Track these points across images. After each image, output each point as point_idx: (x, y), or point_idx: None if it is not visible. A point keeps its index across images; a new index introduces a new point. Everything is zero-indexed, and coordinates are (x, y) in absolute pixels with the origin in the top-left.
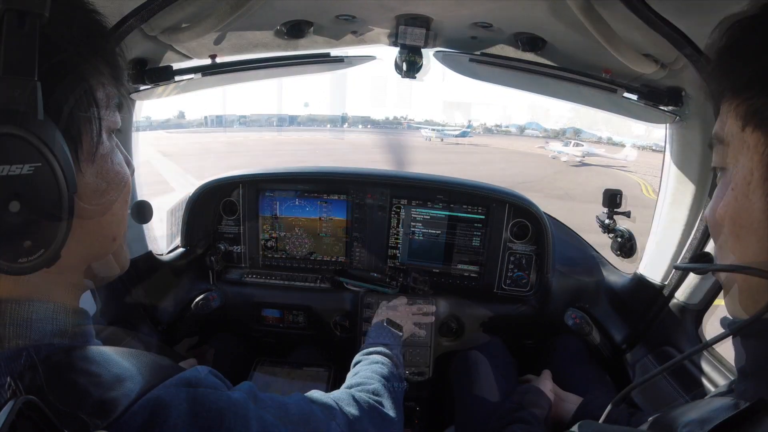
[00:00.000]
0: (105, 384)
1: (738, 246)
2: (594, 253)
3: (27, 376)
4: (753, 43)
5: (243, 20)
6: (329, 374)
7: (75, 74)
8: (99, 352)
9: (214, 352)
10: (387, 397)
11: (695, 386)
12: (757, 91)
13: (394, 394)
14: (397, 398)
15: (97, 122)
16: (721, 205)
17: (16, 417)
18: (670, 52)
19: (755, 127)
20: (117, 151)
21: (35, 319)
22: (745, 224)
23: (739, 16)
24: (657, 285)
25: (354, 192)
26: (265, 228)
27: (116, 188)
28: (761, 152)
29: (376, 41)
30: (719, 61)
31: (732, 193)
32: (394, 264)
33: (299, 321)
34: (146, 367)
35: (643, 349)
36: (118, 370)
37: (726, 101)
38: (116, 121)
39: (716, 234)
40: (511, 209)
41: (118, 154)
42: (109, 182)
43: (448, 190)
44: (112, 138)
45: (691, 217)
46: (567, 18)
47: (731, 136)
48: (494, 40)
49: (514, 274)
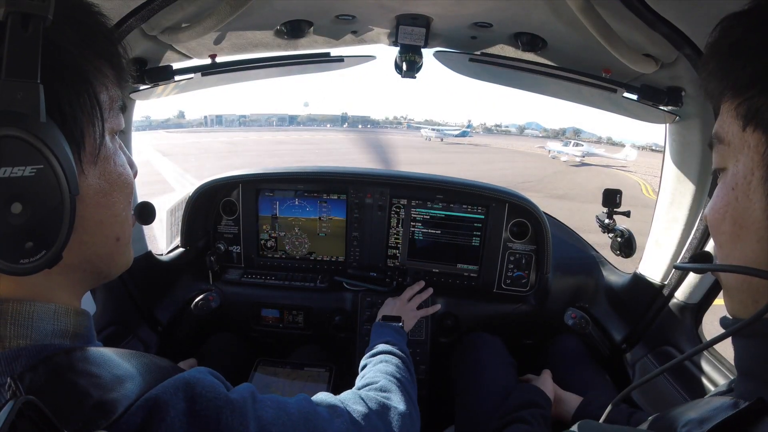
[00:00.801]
0: (105, 385)
1: (738, 246)
2: (593, 252)
3: (27, 377)
4: (753, 41)
5: (243, 20)
6: (330, 375)
7: (78, 76)
8: (99, 354)
9: (214, 352)
10: (396, 392)
11: (695, 386)
12: (758, 90)
13: (403, 388)
14: (408, 391)
15: (100, 124)
16: (722, 206)
17: (16, 417)
18: (669, 51)
19: (756, 127)
20: (120, 153)
21: (36, 319)
22: (746, 224)
23: (738, 15)
24: (657, 284)
25: (353, 192)
26: (265, 228)
27: (119, 189)
28: (762, 152)
29: (376, 41)
30: (719, 61)
31: (732, 193)
32: (394, 264)
33: (298, 321)
34: (146, 368)
35: (642, 349)
36: (118, 372)
37: (726, 101)
38: (119, 122)
39: (716, 234)
40: (511, 209)
41: (121, 156)
42: (112, 183)
43: (447, 190)
44: (115, 139)
45: (690, 217)
46: (567, 18)
47: (732, 136)
48: (494, 39)
49: (514, 273)
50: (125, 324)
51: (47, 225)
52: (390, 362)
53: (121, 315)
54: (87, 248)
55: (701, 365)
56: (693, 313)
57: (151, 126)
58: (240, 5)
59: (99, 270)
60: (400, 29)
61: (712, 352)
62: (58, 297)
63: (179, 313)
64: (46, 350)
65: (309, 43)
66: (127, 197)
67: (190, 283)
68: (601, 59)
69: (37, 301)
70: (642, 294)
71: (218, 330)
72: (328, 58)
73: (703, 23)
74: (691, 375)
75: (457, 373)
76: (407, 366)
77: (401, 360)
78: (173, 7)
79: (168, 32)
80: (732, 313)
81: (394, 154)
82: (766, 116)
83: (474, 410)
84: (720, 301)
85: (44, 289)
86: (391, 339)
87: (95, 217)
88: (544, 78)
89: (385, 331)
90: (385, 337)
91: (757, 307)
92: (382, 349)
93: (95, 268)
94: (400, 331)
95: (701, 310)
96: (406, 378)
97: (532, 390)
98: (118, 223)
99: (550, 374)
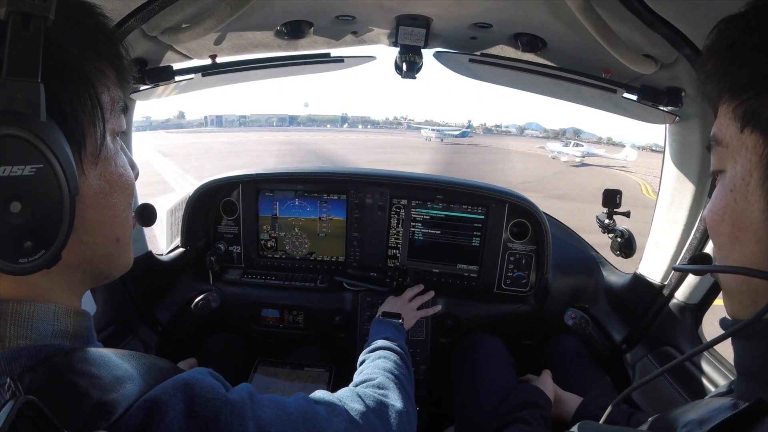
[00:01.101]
0: (105, 386)
1: (737, 248)
2: (593, 252)
3: (27, 377)
4: (750, 43)
5: (243, 21)
6: (330, 375)
7: (79, 76)
8: (99, 354)
9: (214, 352)
10: (393, 389)
11: (695, 386)
12: (756, 91)
13: (401, 385)
14: (405, 388)
15: (101, 124)
16: (720, 207)
17: (16, 417)
18: (669, 52)
19: (754, 128)
20: (121, 154)
21: (36, 319)
22: (744, 226)
23: (736, 17)
24: (656, 285)
25: (353, 192)
26: (265, 228)
27: (120, 190)
28: (760, 153)
29: (376, 41)
30: (717, 63)
31: (731, 194)
32: (394, 264)
33: (298, 321)
34: (145, 368)
35: (642, 349)
36: (117, 372)
37: (724, 103)
38: (121, 123)
39: (715, 236)
40: (511, 209)
41: (122, 157)
42: (113, 184)
43: (447, 190)
44: (117, 140)
45: (690, 217)
46: (566, 18)
47: (729, 138)
48: (494, 40)
49: (514, 273)
50: (125, 324)
51: (46, 225)
52: (388, 359)
53: (122, 315)
54: (87, 249)
55: (701, 366)
56: (693, 313)
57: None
58: (240, 6)
59: (99, 271)
60: (400, 30)
61: (712, 353)
62: (58, 297)
63: (179, 313)
64: (45, 350)
65: (309, 44)
66: (127, 198)
67: (191, 284)
68: (600, 60)
69: (37, 301)
70: (642, 294)
71: (218, 330)
72: (329, 59)
73: (703, 24)
74: (691, 375)
75: (457, 373)
76: (405, 362)
77: (399, 356)
78: (174, 7)
79: (168, 33)
80: (731, 314)
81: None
82: (763, 117)
83: (474, 410)
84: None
85: (44, 289)
86: (390, 335)
87: (95, 218)
88: (543, 78)
89: (385, 327)
90: (384, 333)
91: (757, 307)
92: (381, 344)
93: (95, 269)
94: (399, 328)
95: (701, 310)
96: (404, 375)
97: (532, 390)
98: (119, 224)
99: (551, 374)
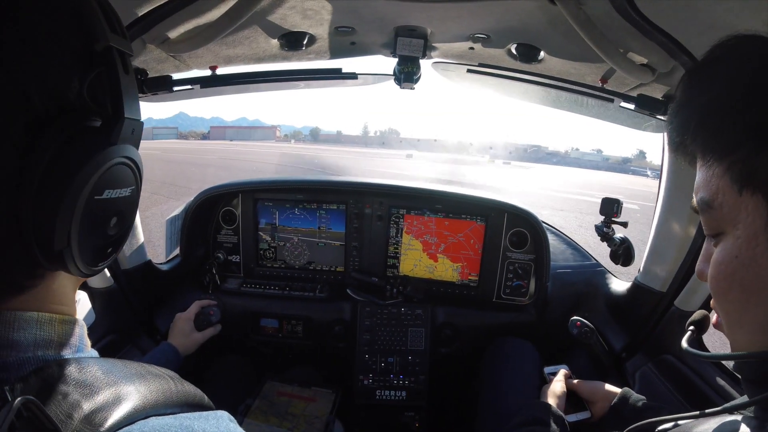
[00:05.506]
0: (97, 397)
1: (750, 311)
2: (592, 261)
3: (18, 387)
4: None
5: (242, 32)
6: (335, 397)
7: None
8: (94, 363)
9: (218, 374)
10: None
11: (698, 396)
12: (753, 148)
13: None
14: None
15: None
16: (727, 274)
17: (15, 417)
18: (665, 61)
19: (755, 190)
20: None
21: (17, 329)
22: (756, 290)
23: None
24: (656, 293)
25: (352, 202)
26: (264, 237)
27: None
28: (763, 215)
29: (375, 52)
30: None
31: (737, 261)
32: (393, 273)
33: (297, 331)
34: (142, 379)
35: (643, 358)
36: (112, 383)
37: (709, 160)
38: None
39: (723, 302)
40: (510, 219)
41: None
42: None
43: (446, 200)
44: None
45: (689, 226)
46: (563, 28)
47: (724, 201)
48: (492, 51)
49: (513, 283)
50: (124, 333)
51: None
52: None
53: (120, 324)
54: None
55: (704, 375)
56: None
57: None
58: (239, 17)
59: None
60: (398, 41)
61: (719, 366)
62: (47, 306)
63: None
64: (28, 363)
65: (308, 55)
66: None
67: (190, 293)
68: (597, 69)
69: (25, 310)
70: (642, 302)
71: (217, 340)
72: (341, 75)
73: (699, 32)
74: (694, 385)
75: (483, 376)
76: None
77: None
78: (173, 18)
79: (168, 43)
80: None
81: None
82: (764, 177)
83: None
84: None
85: (33, 297)
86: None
87: None
88: (541, 88)
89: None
90: None
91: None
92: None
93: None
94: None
95: None
96: None
97: (539, 407)
98: None
99: (564, 374)
